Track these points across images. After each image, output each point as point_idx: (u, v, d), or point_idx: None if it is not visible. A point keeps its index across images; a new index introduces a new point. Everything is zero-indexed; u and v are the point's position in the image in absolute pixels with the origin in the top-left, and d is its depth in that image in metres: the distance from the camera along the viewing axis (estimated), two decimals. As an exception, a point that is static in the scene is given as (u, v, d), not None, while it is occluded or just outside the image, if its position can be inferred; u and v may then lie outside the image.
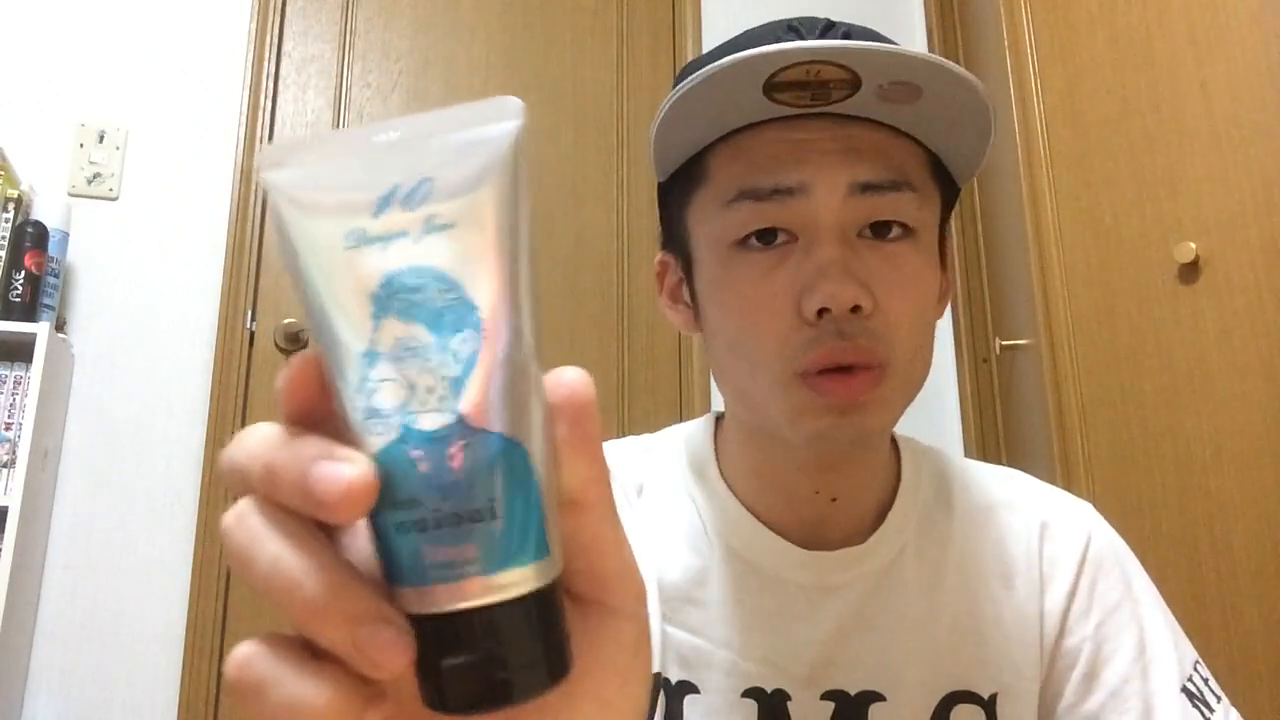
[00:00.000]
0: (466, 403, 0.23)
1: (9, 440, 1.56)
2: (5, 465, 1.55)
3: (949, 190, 0.58)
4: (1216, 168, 1.33)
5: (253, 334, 1.84)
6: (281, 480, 0.23)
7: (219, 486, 1.73)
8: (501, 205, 0.24)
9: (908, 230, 0.53)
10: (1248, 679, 1.23)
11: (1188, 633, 0.59)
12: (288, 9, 2.02)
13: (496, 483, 0.23)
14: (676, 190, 0.58)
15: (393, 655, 0.22)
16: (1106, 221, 1.56)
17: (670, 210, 0.60)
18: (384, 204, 0.23)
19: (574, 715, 0.26)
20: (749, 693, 0.55)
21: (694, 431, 0.65)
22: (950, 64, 0.49)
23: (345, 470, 0.22)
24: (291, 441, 0.23)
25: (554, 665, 0.24)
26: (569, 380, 0.25)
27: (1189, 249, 1.34)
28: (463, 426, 0.23)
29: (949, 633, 0.56)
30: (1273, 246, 1.24)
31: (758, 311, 0.52)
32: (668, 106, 0.52)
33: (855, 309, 0.50)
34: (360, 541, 0.24)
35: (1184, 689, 0.55)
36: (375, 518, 0.23)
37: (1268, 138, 1.26)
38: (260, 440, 0.23)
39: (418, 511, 0.22)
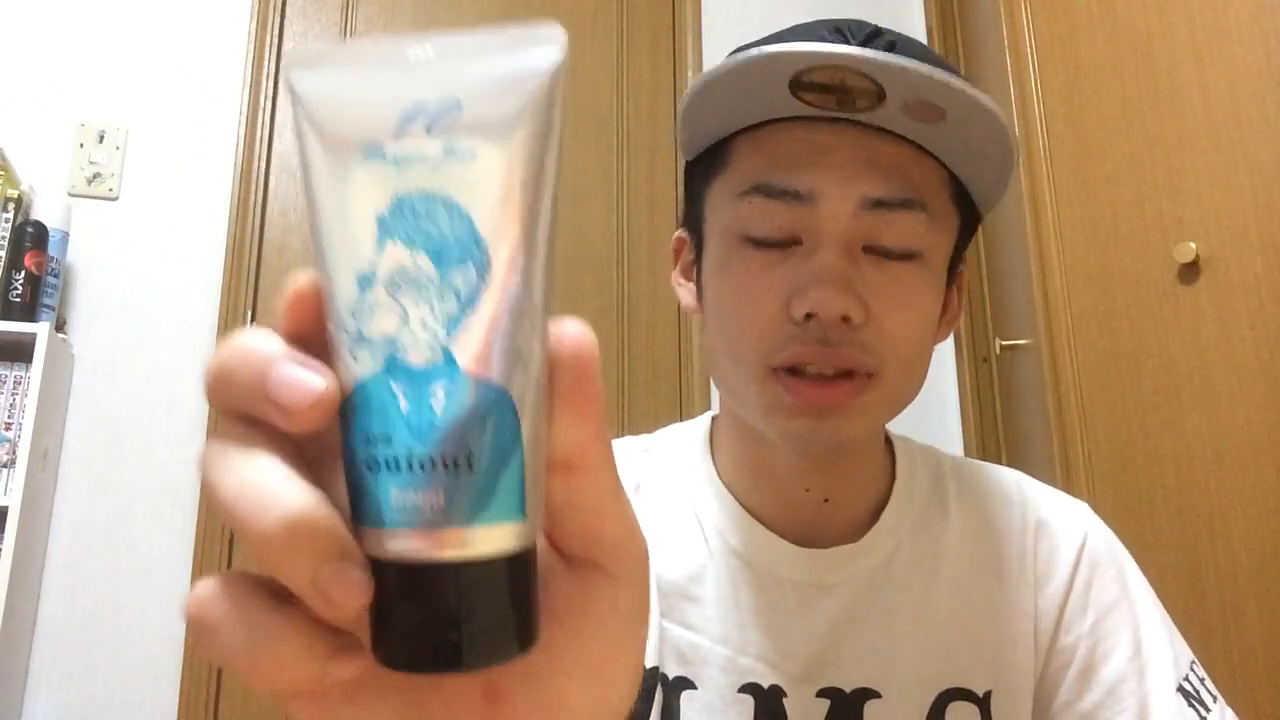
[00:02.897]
0: (459, 343, 0.21)
1: (9, 440, 1.56)
2: (5, 465, 1.55)
3: (969, 215, 0.57)
4: (1216, 168, 1.33)
5: (253, 334, 1.84)
6: (242, 378, 0.22)
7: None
8: (529, 142, 0.22)
9: (914, 251, 0.53)
10: (1248, 679, 1.23)
11: (1188, 633, 0.59)
12: (288, 9, 2.02)
13: (477, 433, 0.21)
14: (699, 172, 0.59)
15: (349, 595, 0.20)
16: (1106, 221, 1.56)
17: (691, 190, 0.60)
18: (406, 123, 0.22)
19: (559, 682, 0.25)
20: (745, 688, 0.55)
21: (691, 431, 0.65)
22: (974, 91, 0.49)
23: (304, 376, 0.21)
24: (266, 345, 0.22)
25: (513, 636, 0.22)
26: (572, 335, 0.23)
27: (1189, 249, 1.34)
28: (451, 368, 0.21)
29: (944, 630, 0.57)
30: (1273, 246, 1.24)
31: (749, 304, 0.53)
32: (695, 89, 0.53)
33: (845, 320, 0.50)
34: (338, 483, 0.23)
35: (1180, 688, 0.55)
36: (348, 450, 0.22)
37: (1268, 138, 1.25)
38: (243, 343, 0.22)
39: (391, 449, 0.21)
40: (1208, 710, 0.55)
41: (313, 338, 0.23)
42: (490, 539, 0.22)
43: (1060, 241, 1.68)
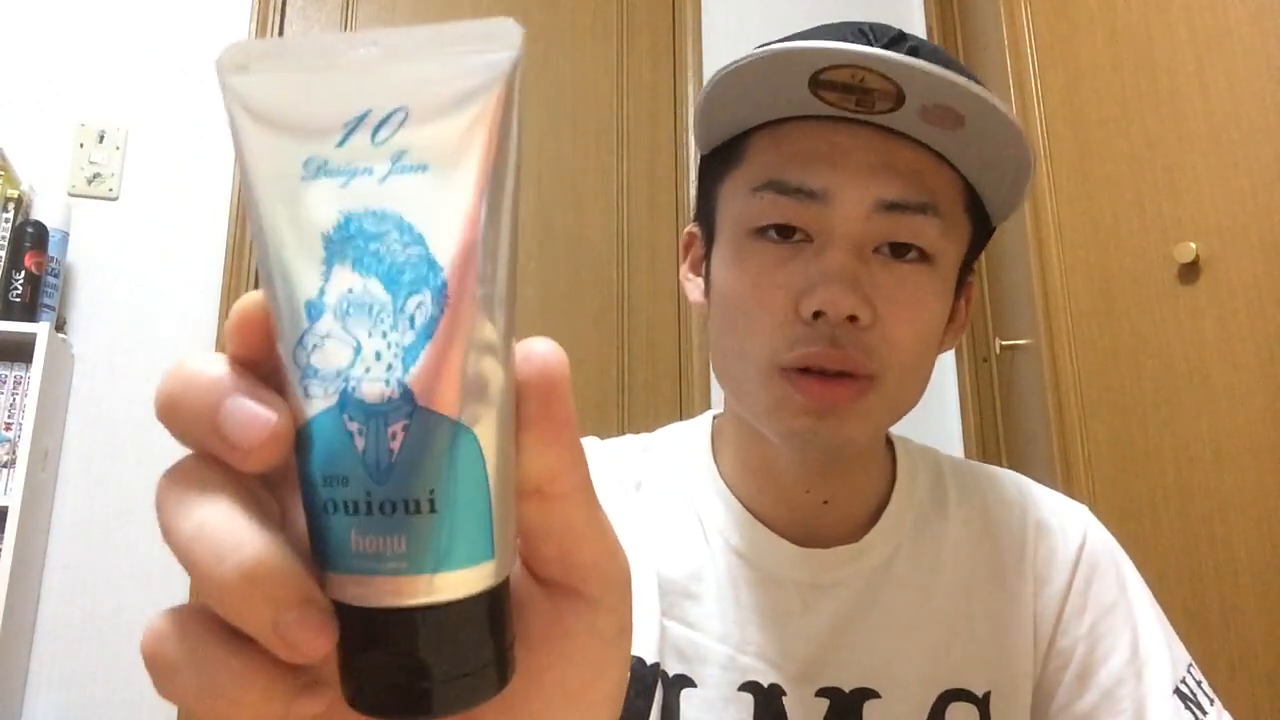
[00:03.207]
0: (416, 377, 0.20)
1: (9, 440, 1.56)
2: (5, 465, 1.55)
3: (982, 225, 0.57)
4: (1216, 168, 1.33)
5: (253, 334, 1.84)
6: (190, 409, 0.21)
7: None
8: (485, 151, 0.20)
9: (925, 255, 0.52)
10: (1248, 679, 1.23)
11: (1188, 633, 0.59)
12: (288, 9, 2.02)
13: (439, 473, 0.20)
14: (714, 166, 0.59)
15: (311, 643, 0.19)
16: (1106, 221, 1.56)
17: (705, 184, 0.60)
18: (350, 132, 0.20)
19: (537, 708, 0.24)
20: (745, 687, 0.55)
21: (692, 430, 0.65)
22: (993, 99, 0.48)
23: (256, 410, 0.20)
24: (216, 373, 0.21)
25: (487, 677, 0.21)
26: (540, 354, 0.22)
27: (1189, 249, 1.34)
28: (408, 403, 0.20)
29: (943, 631, 0.57)
30: (1273, 246, 1.24)
31: (757, 300, 0.53)
32: (714, 83, 0.53)
33: (853, 319, 0.50)
34: (300, 518, 0.22)
35: (1177, 690, 0.55)
36: (306, 490, 0.21)
37: (1268, 138, 1.25)
38: (192, 370, 0.21)
39: (349, 492, 0.20)
40: (1204, 713, 0.55)
41: (264, 361, 0.21)
42: (458, 583, 0.20)
43: (1060, 241, 1.68)
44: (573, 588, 0.24)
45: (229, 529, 0.20)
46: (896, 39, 0.53)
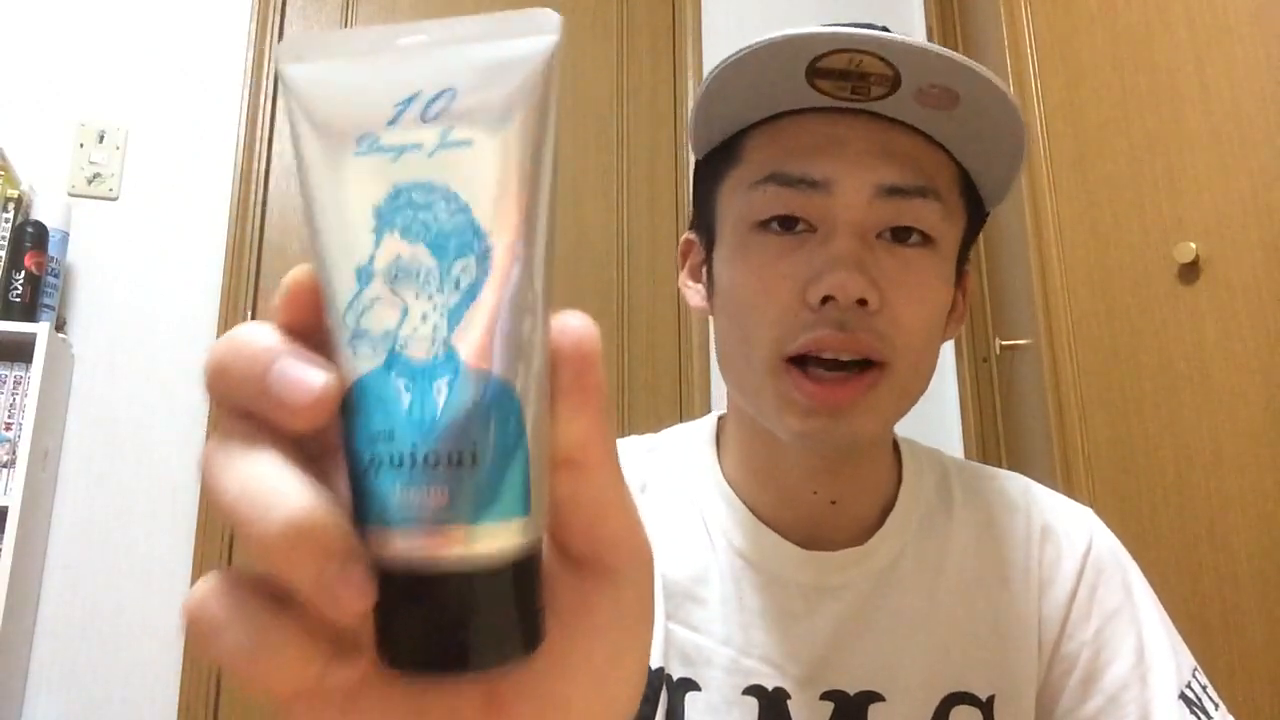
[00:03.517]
0: (461, 337, 0.21)
1: (9, 440, 1.56)
2: (5, 465, 1.55)
3: (976, 212, 0.58)
4: (1216, 168, 1.33)
5: (253, 334, 1.84)
6: (240, 373, 0.21)
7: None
8: (526, 128, 0.22)
9: (927, 239, 0.53)
10: (1248, 679, 1.23)
11: (1187, 633, 0.59)
12: (288, 9, 2.02)
13: (481, 429, 0.21)
14: (711, 169, 0.59)
15: (354, 597, 0.20)
16: (1106, 221, 1.56)
17: (703, 188, 0.60)
18: (400, 112, 0.21)
19: (561, 685, 0.24)
20: (750, 690, 0.55)
21: (697, 431, 0.65)
22: (991, 75, 0.49)
23: (305, 372, 0.21)
24: (265, 340, 0.21)
25: (519, 637, 0.22)
26: (575, 328, 0.23)
27: (1189, 249, 1.34)
28: (453, 362, 0.21)
29: (947, 634, 0.56)
30: (1273, 246, 1.24)
31: (763, 292, 0.53)
32: (712, 79, 0.53)
33: (862, 303, 0.50)
34: (342, 480, 0.22)
35: (1182, 695, 0.55)
36: (350, 448, 0.21)
37: (1268, 138, 1.25)
38: (242, 337, 0.22)
39: (394, 446, 0.21)
40: (1209, 718, 0.55)
41: (311, 332, 0.22)
42: (495, 536, 0.21)
43: (1060, 241, 1.68)
44: (599, 561, 0.25)
45: (275, 483, 0.20)
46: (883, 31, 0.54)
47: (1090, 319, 1.60)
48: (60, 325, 1.71)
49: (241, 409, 0.22)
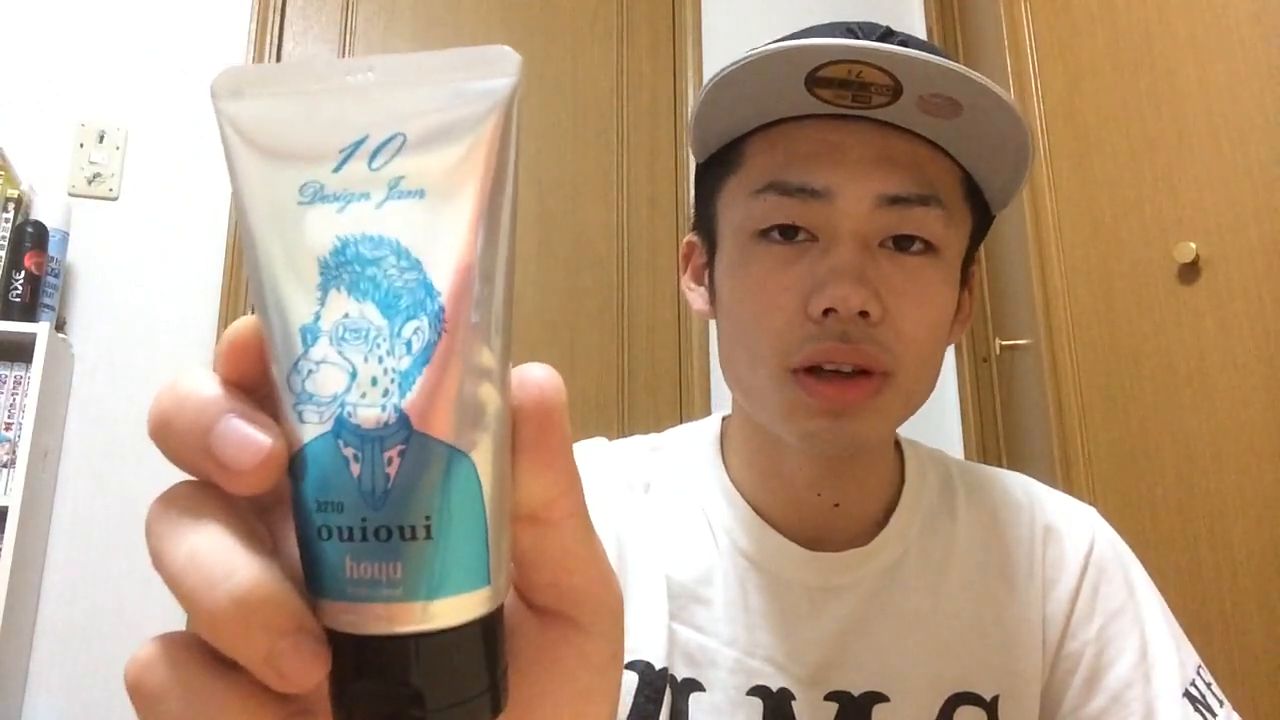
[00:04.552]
0: (412, 402, 0.20)
1: (9, 440, 1.56)
2: (5, 465, 1.55)
3: (982, 215, 0.57)
4: (1216, 168, 1.33)
5: (253, 334, 1.84)
6: (182, 430, 0.20)
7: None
8: (482, 177, 0.20)
9: (930, 246, 0.52)
10: (1248, 679, 1.23)
11: (1189, 634, 0.59)
12: (288, 9, 2.02)
13: (435, 498, 0.20)
14: (712, 174, 0.59)
15: (305, 672, 0.19)
16: (1106, 221, 1.56)
17: (703, 193, 0.60)
18: (346, 157, 0.20)
19: None
20: (754, 691, 0.55)
21: (701, 431, 0.65)
22: (992, 85, 0.49)
23: (249, 433, 0.20)
24: (210, 394, 0.20)
25: (483, 703, 0.21)
26: (535, 380, 0.22)
27: (1189, 249, 1.34)
28: (405, 428, 0.20)
29: (951, 634, 0.56)
30: (1273, 246, 1.24)
31: (766, 303, 0.53)
32: (710, 87, 0.52)
33: (864, 315, 0.50)
34: (291, 544, 0.21)
35: (1186, 693, 0.55)
36: (300, 516, 0.20)
37: (1268, 138, 1.25)
38: (184, 389, 0.21)
39: (345, 517, 0.20)
40: (1214, 715, 0.55)
41: (255, 385, 0.21)
42: (453, 610, 0.20)
43: (1060, 241, 1.68)
44: (565, 614, 0.24)
45: (222, 555, 0.19)
46: (885, 35, 0.53)
47: (1090, 319, 1.60)
48: (60, 325, 1.71)
49: (184, 466, 0.21)
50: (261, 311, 0.21)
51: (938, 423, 2.06)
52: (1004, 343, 1.92)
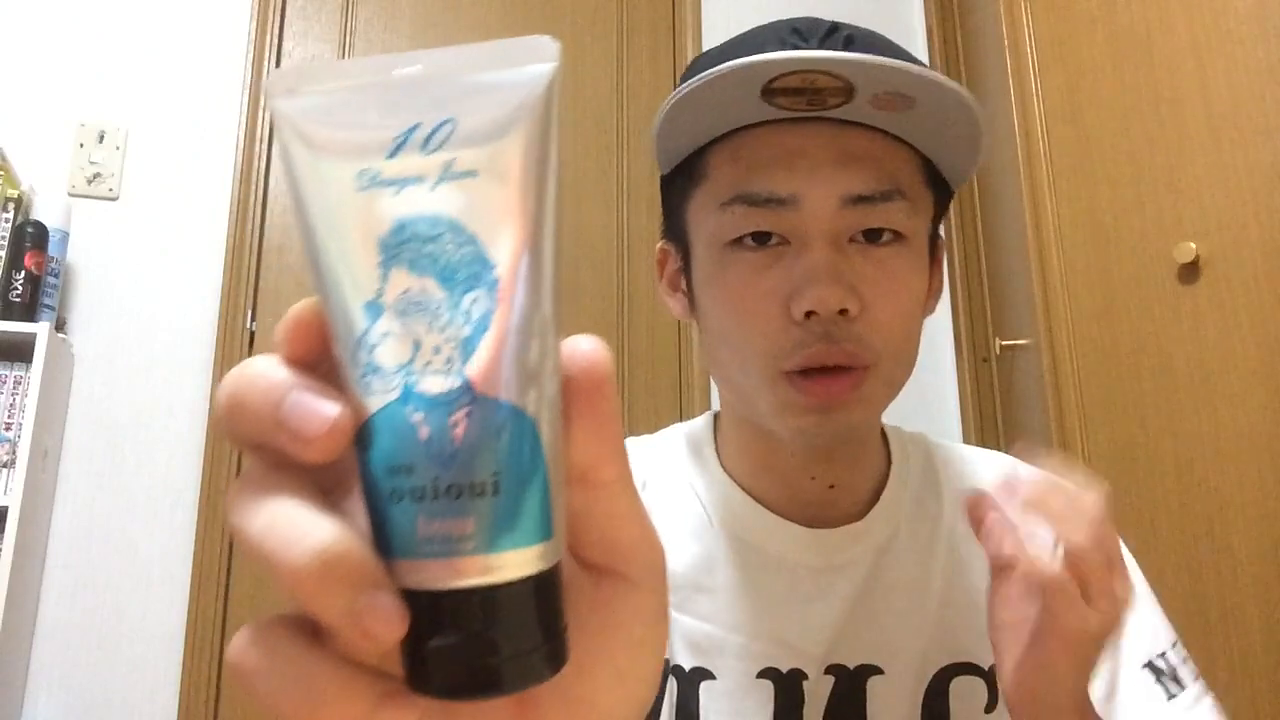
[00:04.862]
0: (475, 367, 0.21)
1: (9, 440, 1.56)
2: (5, 465, 1.55)
3: (942, 193, 0.59)
4: (1216, 168, 1.33)
5: (253, 334, 1.84)
6: (253, 407, 0.22)
7: (219, 486, 1.72)
8: (528, 156, 0.22)
9: (898, 236, 0.54)
10: (1248, 679, 1.23)
11: (1187, 633, 0.59)
12: (288, 9, 2.02)
13: (501, 456, 0.21)
14: (677, 185, 0.60)
15: (386, 627, 0.20)
16: (1106, 221, 1.56)
17: (671, 203, 0.61)
18: (400, 145, 0.21)
19: (587, 685, 0.25)
20: (764, 673, 0.56)
21: (694, 427, 0.67)
22: (940, 77, 0.50)
23: (317, 403, 0.21)
24: (277, 373, 0.22)
25: (549, 655, 0.22)
26: (585, 351, 0.23)
27: (1189, 249, 1.34)
28: (469, 393, 0.21)
29: (942, 607, 0.58)
30: (1273, 246, 1.24)
31: (748, 310, 0.54)
32: (668, 107, 0.54)
33: (842, 312, 0.52)
34: (358, 514, 0.23)
35: (1150, 665, 0.56)
36: (369, 482, 0.22)
37: (1268, 138, 1.25)
38: (253, 371, 0.22)
39: (415, 479, 0.21)
40: (1181, 688, 0.55)
41: (318, 363, 0.22)
42: (519, 562, 0.21)
43: (1060, 241, 1.68)
44: (616, 570, 0.25)
45: (300, 520, 0.21)
46: (830, 31, 0.55)
47: (1090, 319, 1.60)
48: (60, 325, 1.71)
49: (256, 443, 0.22)
50: (322, 293, 0.22)
51: (938, 423, 2.06)
52: (1004, 343, 1.92)
